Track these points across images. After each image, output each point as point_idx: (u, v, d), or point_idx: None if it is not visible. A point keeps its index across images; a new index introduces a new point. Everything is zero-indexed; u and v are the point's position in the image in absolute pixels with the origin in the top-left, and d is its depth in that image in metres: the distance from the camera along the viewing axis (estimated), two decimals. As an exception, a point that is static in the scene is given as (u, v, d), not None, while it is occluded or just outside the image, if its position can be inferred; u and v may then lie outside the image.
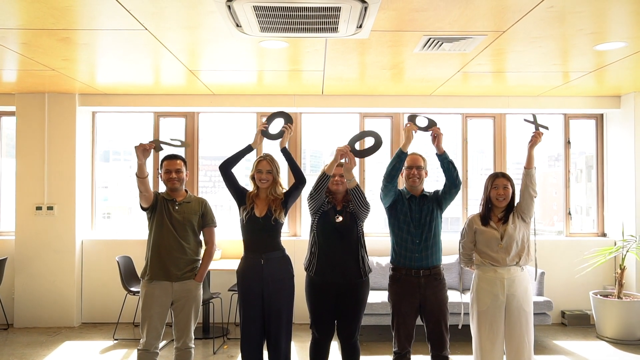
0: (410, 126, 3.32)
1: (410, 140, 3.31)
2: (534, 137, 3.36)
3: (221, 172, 3.47)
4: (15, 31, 3.51)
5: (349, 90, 5.50)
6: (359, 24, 3.20)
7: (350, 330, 3.40)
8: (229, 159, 3.47)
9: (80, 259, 5.75)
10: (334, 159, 3.31)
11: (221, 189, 6.42)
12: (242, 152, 3.47)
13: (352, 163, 3.28)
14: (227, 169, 3.46)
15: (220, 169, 3.47)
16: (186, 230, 3.42)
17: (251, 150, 3.48)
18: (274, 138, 3.54)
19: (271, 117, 3.56)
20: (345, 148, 3.28)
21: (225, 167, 3.46)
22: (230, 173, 3.47)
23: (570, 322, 5.66)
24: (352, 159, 3.29)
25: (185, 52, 4.02)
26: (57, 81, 5.04)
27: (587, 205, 6.32)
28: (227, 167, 3.46)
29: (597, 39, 3.65)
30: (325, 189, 3.35)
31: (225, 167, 3.46)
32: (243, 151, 3.47)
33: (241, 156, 3.47)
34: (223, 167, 3.46)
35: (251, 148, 3.48)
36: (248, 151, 3.48)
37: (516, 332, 3.24)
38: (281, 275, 3.41)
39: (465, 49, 3.89)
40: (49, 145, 5.62)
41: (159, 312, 3.34)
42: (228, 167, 3.46)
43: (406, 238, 3.33)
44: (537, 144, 3.35)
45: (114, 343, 5.07)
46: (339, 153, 3.28)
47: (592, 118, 6.15)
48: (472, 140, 6.08)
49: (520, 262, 3.29)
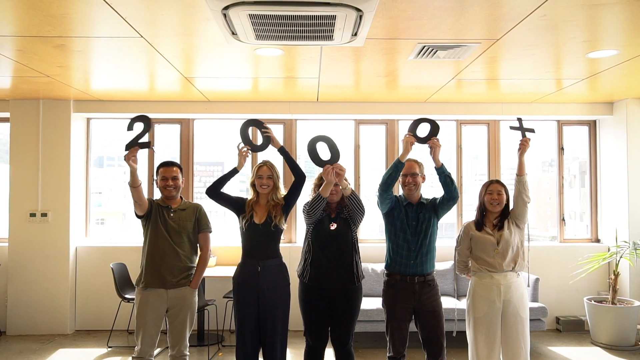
0: (409, 137, 3.33)
1: (409, 151, 3.31)
2: (522, 144, 3.40)
3: (210, 197, 3.45)
4: (11, 38, 3.51)
5: (344, 97, 5.52)
6: (354, 32, 3.21)
7: (344, 337, 3.40)
8: (214, 184, 3.46)
9: (74, 266, 5.72)
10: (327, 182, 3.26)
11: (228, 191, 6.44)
12: (227, 176, 3.46)
13: (342, 171, 3.28)
14: (214, 193, 3.45)
15: (207, 194, 3.45)
16: (182, 237, 3.42)
17: (236, 172, 3.47)
18: (262, 148, 3.54)
19: (244, 132, 3.49)
20: (411, 138, 3.31)
21: (213, 191, 3.45)
22: (220, 193, 3.47)
23: (564, 328, 5.68)
24: (342, 167, 3.27)
25: (180, 59, 4.03)
26: (52, 87, 5.03)
27: (581, 211, 6.36)
28: (214, 191, 3.45)
29: (590, 46, 3.69)
30: (322, 208, 3.35)
31: (212, 191, 3.45)
32: (228, 175, 3.46)
33: (226, 180, 3.46)
34: (210, 192, 3.45)
35: (236, 171, 3.47)
36: (233, 174, 3.46)
37: (512, 338, 3.25)
38: (277, 283, 3.41)
39: (459, 57, 3.91)
40: (43, 151, 5.60)
41: (153, 319, 3.33)
42: (215, 191, 3.45)
43: (402, 245, 3.34)
44: (527, 151, 3.39)
45: (108, 350, 5.04)
46: (407, 142, 3.30)
47: (585, 124, 6.19)
48: (466, 147, 6.12)
49: (516, 267, 3.31)
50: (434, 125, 3.39)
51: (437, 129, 3.37)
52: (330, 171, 3.25)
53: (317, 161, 3.35)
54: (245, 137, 3.50)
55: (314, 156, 3.35)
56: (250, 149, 3.50)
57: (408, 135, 3.35)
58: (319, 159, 3.34)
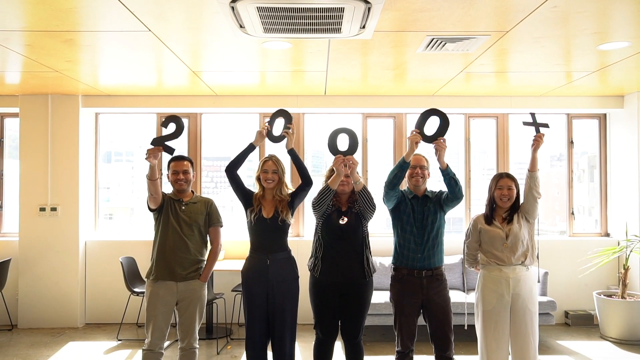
0: (414, 136, 3.27)
1: (414, 150, 3.26)
2: (536, 140, 3.34)
3: (227, 175, 3.47)
4: (20, 33, 3.52)
5: (352, 90, 5.50)
6: (362, 24, 3.20)
7: (355, 331, 3.40)
8: (234, 160, 3.47)
9: (83, 260, 5.76)
10: (337, 174, 3.27)
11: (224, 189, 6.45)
12: (245, 152, 3.48)
13: (354, 162, 3.28)
14: (233, 171, 3.46)
15: (226, 171, 3.47)
16: (192, 231, 3.43)
17: (254, 148, 3.49)
18: (276, 140, 3.53)
19: (273, 117, 3.53)
20: (417, 137, 3.25)
21: (231, 169, 3.46)
22: (237, 175, 3.48)
23: (573, 322, 5.66)
24: (354, 160, 3.28)
25: (188, 53, 4.03)
26: (61, 82, 5.05)
27: (590, 206, 6.31)
28: (233, 169, 3.46)
29: (601, 38, 3.65)
30: (329, 201, 3.34)
31: (231, 168, 3.46)
32: (246, 150, 3.48)
33: (245, 156, 3.48)
34: (229, 169, 3.47)
35: (253, 146, 3.48)
36: (251, 150, 3.48)
37: (521, 332, 3.24)
38: (286, 276, 3.41)
39: (468, 49, 3.89)
40: (53, 146, 5.63)
41: (163, 312, 3.35)
42: (234, 169, 3.47)
43: (409, 239, 3.33)
44: (540, 146, 3.34)
45: (118, 343, 5.08)
46: (412, 141, 3.24)
47: (595, 118, 6.14)
48: (474, 140, 6.08)
49: (526, 261, 3.29)
50: (443, 119, 3.28)
51: (447, 123, 3.27)
52: (341, 161, 3.25)
53: (333, 150, 3.34)
54: (271, 122, 3.52)
55: (332, 145, 3.35)
56: (269, 130, 3.50)
57: (414, 133, 3.28)
58: (335, 148, 3.34)
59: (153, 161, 3.26)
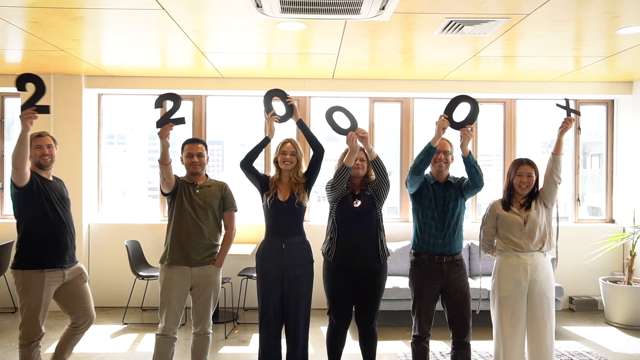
0: (442, 122, 3.21)
1: (441, 135, 3.20)
2: (565, 123, 3.29)
3: (243, 170, 3.42)
4: (26, 9, 3.41)
5: (360, 74, 5.42)
6: (382, 5, 3.13)
7: (369, 316, 3.39)
8: (249, 155, 3.42)
9: (87, 243, 5.70)
10: (351, 151, 3.24)
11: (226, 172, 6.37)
12: (260, 146, 3.43)
13: (366, 134, 3.26)
14: (248, 165, 3.42)
15: (241, 166, 3.42)
16: (207, 215, 3.37)
17: (269, 141, 3.46)
18: (285, 119, 3.51)
19: (267, 103, 3.49)
20: (445, 122, 3.20)
21: (247, 164, 3.42)
22: (252, 167, 3.44)
23: (578, 308, 5.69)
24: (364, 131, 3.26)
25: (198, 32, 3.93)
26: (64, 62, 4.93)
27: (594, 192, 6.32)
28: (249, 163, 3.42)
29: (622, 22, 3.59)
30: (347, 180, 3.31)
31: (247, 163, 3.42)
32: (261, 144, 3.43)
33: (260, 149, 3.44)
34: (245, 164, 3.42)
35: (268, 139, 3.45)
36: (266, 143, 3.45)
37: (538, 318, 3.22)
38: (301, 261, 3.38)
39: (485, 33, 3.82)
40: (55, 127, 5.51)
41: (178, 297, 3.31)
42: (249, 163, 3.42)
43: (430, 224, 3.30)
44: (568, 130, 3.31)
45: (124, 327, 5.05)
46: (439, 126, 3.18)
47: (603, 104, 6.11)
48: (482, 126, 6.04)
49: (544, 248, 3.27)
50: (474, 107, 3.24)
51: (477, 111, 3.24)
52: (355, 137, 3.23)
53: (338, 130, 3.32)
54: (269, 107, 3.48)
55: (334, 126, 3.33)
56: (279, 119, 3.47)
57: (443, 118, 3.23)
58: (339, 127, 3.32)
59: (167, 142, 3.18)
